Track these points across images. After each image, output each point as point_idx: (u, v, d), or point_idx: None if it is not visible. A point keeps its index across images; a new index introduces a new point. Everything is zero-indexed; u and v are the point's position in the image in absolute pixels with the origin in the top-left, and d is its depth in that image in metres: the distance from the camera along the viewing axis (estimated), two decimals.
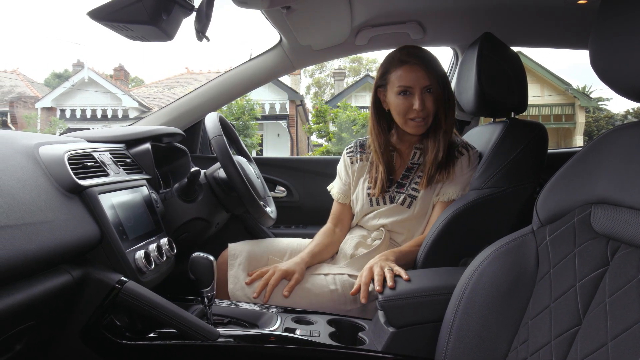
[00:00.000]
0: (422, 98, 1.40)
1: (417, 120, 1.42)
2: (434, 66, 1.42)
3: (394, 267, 1.21)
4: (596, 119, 17.73)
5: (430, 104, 1.42)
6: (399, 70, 1.42)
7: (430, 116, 1.43)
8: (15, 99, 16.03)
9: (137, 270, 1.10)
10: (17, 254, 0.77)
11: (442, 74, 1.44)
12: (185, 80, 17.48)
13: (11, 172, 0.89)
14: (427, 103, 1.41)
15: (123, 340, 1.03)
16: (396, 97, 1.43)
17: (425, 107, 1.41)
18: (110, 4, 1.00)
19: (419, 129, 1.44)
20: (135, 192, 1.27)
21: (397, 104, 1.43)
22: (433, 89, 1.41)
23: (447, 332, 0.91)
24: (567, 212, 0.83)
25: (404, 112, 1.43)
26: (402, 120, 1.45)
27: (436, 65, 1.43)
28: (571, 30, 1.90)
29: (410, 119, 1.43)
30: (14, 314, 0.79)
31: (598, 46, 0.78)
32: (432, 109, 1.42)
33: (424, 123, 1.43)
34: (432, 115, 1.44)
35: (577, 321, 0.73)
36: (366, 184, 1.54)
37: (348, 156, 1.63)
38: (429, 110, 1.42)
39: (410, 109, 1.42)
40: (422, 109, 1.40)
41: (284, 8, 1.45)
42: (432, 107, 1.42)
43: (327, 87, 29.34)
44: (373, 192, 1.50)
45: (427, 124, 1.44)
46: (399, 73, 1.42)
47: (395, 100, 1.43)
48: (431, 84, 1.41)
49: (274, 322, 1.15)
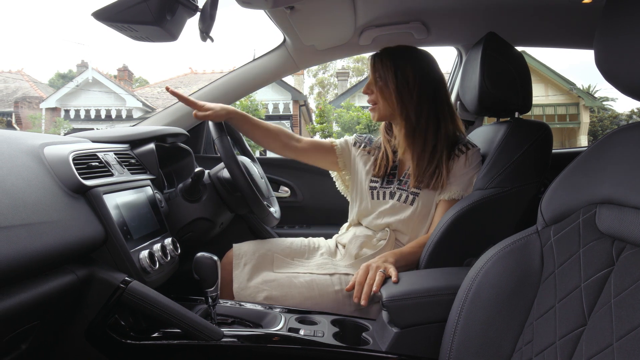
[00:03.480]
0: (370, 86, 1.54)
1: (370, 105, 1.56)
2: (383, 60, 1.49)
3: (389, 269, 1.22)
4: (601, 118, 17.66)
5: (379, 93, 1.51)
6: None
7: (380, 105, 1.52)
8: (20, 99, 16.11)
9: (142, 270, 1.10)
10: (22, 253, 0.77)
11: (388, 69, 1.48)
12: (189, 81, 17.52)
13: (17, 172, 0.89)
14: (376, 92, 1.52)
15: (127, 340, 1.03)
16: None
17: (375, 94, 1.52)
18: (114, 5, 1.00)
19: (372, 112, 1.58)
20: (140, 192, 1.27)
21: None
22: (379, 79, 1.50)
23: (451, 332, 0.91)
24: (572, 212, 0.82)
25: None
26: None
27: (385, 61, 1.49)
28: (575, 29, 1.89)
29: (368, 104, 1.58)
30: (19, 313, 0.79)
31: (603, 46, 0.78)
32: (380, 98, 1.51)
33: (372, 108, 1.56)
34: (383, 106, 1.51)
35: (582, 322, 0.73)
36: (369, 177, 1.55)
37: (353, 139, 1.70)
38: (378, 99, 1.52)
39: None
40: (366, 92, 1.55)
41: (287, 8, 1.45)
42: (381, 97, 1.51)
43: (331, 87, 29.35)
44: (376, 172, 1.56)
45: (379, 112, 1.53)
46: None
47: None
48: (377, 73, 1.51)
49: (277, 322, 1.15)
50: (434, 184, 1.43)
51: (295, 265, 1.48)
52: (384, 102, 1.50)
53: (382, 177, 1.54)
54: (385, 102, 1.49)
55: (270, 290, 1.36)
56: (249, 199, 1.46)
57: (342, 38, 1.87)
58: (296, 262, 1.51)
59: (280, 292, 1.35)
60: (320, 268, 1.44)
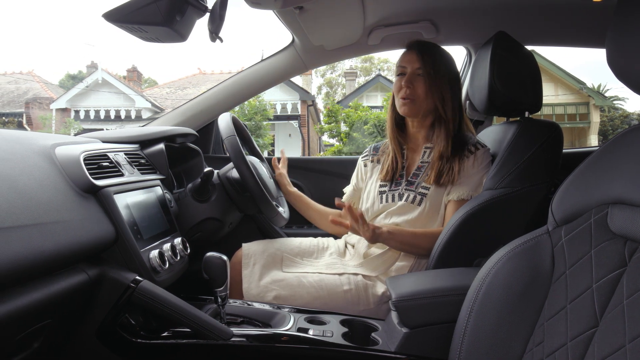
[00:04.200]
0: (411, 79, 1.48)
1: (405, 99, 1.49)
2: (431, 54, 1.48)
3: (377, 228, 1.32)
4: (611, 118, 17.46)
5: (419, 88, 1.47)
6: (401, 56, 1.54)
7: (419, 101, 1.48)
8: (31, 100, 16.24)
9: (152, 270, 1.11)
10: (34, 253, 0.78)
11: (436, 65, 1.47)
12: (197, 81, 17.58)
13: (29, 173, 0.90)
14: (417, 85, 1.47)
15: (138, 339, 1.04)
16: (395, 78, 1.53)
17: (414, 87, 1.47)
18: (125, 6, 1.01)
19: (404, 107, 1.50)
20: (150, 192, 1.28)
21: (394, 86, 1.53)
22: (425, 74, 1.46)
23: (461, 333, 0.90)
24: (583, 212, 0.82)
25: (397, 91, 1.51)
26: (397, 101, 1.52)
27: (435, 55, 1.48)
28: (586, 28, 1.88)
29: (401, 98, 1.49)
30: (32, 312, 0.80)
31: (615, 44, 0.77)
32: (421, 93, 1.47)
33: (410, 103, 1.48)
34: (422, 101, 1.48)
35: (594, 323, 0.72)
36: (378, 183, 1.55)
37: (362, 160, 1.69)
38: (417, 94, 1.47)
39: (401, 89, 1.49)
40: (408, 86, 1.47)
41: (296, 8, 1.45)
42: (422, 92, 1.47)
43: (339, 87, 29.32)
44: (383, 177, 1.54)
45: (415, 108, 1.49)
46: (400, 58, 1.54)
47: (394, 82, 1.53)
48: (422, 68, 1.46)
49: (286, 322, 1.16)
50: (444, 179, 1.43)
51: (304, 265, 1.48)
52: (424, 95, 1.47)
53: (390, 180, 1.53)
54: (425, 95, 1.47)
55: (279, 290, 1.36)
56: (257, 199, 1.46)
57: (351, 38, 1.87)
58: (305, 261, 1.51)
59: (289, 292, 1.35)
60: (329, 268, 1.44)
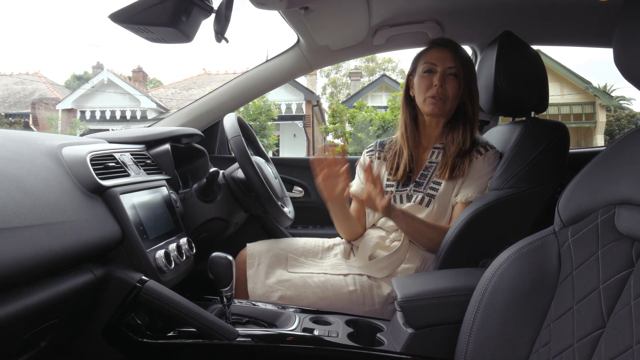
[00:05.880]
0: (443, 78, 1.43)
1: (435, 98, 1.44)
2: (462, 54, 1.45)
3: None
4: (617, 117, 17.36)
5: (451, 88, 1.44)
6: (428, 52, 1.48)
7: (449, 101, 1.45)
8: (37, 100, 16.33)
9: (158, 270, 1.11)
10: (41, 252, 0.78)
11: (468, 65, 1.46)
12: (202, 82, 17.64)
13: (36, 173, 0.90)
14: (448, 86, 1.44)
15: (144, 339, 1.04)
16: (421, 76, 1.48)
17: (445, 88, 1.43)
18: (131, 7, 1.01)
19: (434, 107, 1.45)
20: (156, 192, 1.28)
21: (419, 83, 1.47)
22: (457, 74, 1.44)
23: (466, 333, 0.90)
24: (590, 212, 0.81)
25: (425, 89, 1.46)
26: (422, 98, 1.47)
27: (465, 56, 1.46)
28: (593, 27, 1.87)
29: (430, 97, 1.45)
30: (39, 311, 0.80)
31: (622, 44, 0.77)
32: (452, 93, 1.44)
33: (441, 102, 1.44)
34: (451, 101, 1.45)
35: (601, 324, 0.72)
36: (385, 182, 1.54)
37: (368, 155, 1.66)
38: (448, 94, 1.44)
39: (430, 87, 1.44)
40: (441, 85, 1.43)
41: (301, 9, 1.45)
42: (453, 92, 1.44)
43: (343, 87, 29.30)
44: (394, 178, 1.52)
45: (445, 108, 1.45)
46: (428, 54, 1.48)
47: (419, 79, 1.48)
48: (456, 67, 1.43)
49: (292, 322, 1.16)
50: (455, 173, 1.44)
51: (309, 265, 1.48)
52: (454, 95, 1.45)
53: (398, 181, 1.52)
54: (454, 95, 1.45)
55: (284, 290, 1.36)
56: (263, 199, 1.46)
57: (356, 38, 1.87)
58: (310, 262, 1.51)
59: (294, 292, 1.35)
60: (334, 268, 1.44)
